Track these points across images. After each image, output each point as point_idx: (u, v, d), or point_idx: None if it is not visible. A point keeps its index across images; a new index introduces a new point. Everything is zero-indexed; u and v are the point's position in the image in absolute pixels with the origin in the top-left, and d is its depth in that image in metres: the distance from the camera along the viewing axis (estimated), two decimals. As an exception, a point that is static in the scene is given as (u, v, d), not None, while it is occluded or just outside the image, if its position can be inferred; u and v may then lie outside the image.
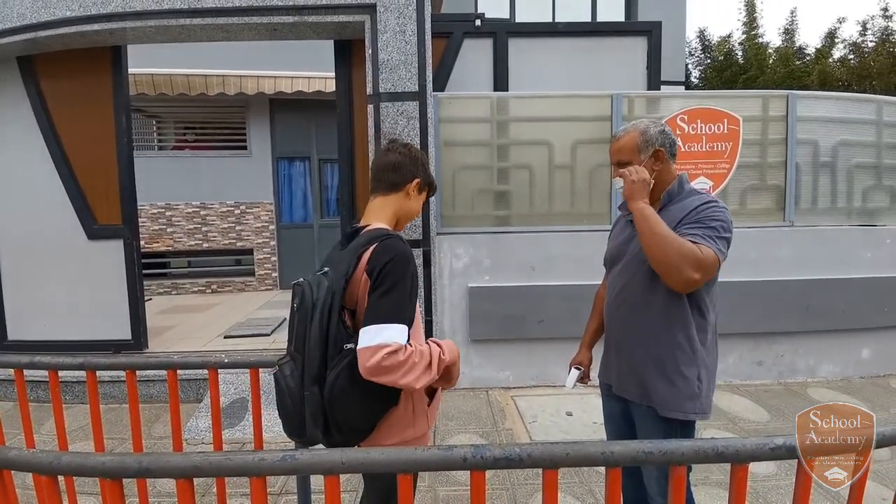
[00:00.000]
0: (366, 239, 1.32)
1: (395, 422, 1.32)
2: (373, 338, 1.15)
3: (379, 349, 1.13)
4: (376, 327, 1.16)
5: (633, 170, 1.50)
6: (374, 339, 1.14)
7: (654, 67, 4.14)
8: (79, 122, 4.19)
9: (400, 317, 1.19)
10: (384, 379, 1.15)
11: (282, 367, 1.32)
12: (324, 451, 1.00)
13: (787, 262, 3.84)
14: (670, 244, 1.36)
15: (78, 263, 4.21)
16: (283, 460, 0.99)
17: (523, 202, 3.80)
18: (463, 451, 0.99)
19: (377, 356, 1.13)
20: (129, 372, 1.85)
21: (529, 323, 3.72)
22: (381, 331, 1.16)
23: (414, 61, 3.50)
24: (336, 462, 0.99)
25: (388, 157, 1.42)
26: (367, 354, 1.14)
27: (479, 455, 0.98)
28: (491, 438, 3.05)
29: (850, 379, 3.96)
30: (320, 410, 1.23)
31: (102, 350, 4.20)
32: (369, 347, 1.14)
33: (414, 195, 1.44)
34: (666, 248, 1.36)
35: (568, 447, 0.99)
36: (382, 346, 1.14)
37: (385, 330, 1.16)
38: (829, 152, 3.95)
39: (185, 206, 7.34)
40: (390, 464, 0.99)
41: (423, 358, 1.20)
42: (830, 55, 12.85)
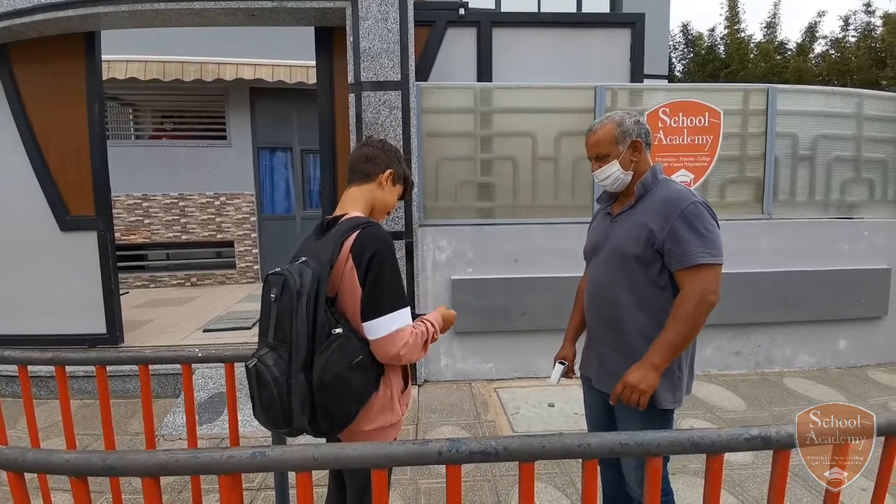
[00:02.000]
0: (348, 226, 1.32)
1: (375, 406, 1.34)
2: (389, 326, 1.25)
3: (397, 335, 1.25)
4: (389, 316, 1.25)
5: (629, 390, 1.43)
6: (391, 327, 1.25)
7: (637, 59, 4.14)
8: (52, 111, 4.07)
9: (403, 301, 1.30)
10: (403, 361, 1.29)
11: (262, 357, 1.29)
12: (296, 447, 0.97)
13: (765, 254, 3.89)
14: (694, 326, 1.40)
15: (51, 256, 4.09)
16: (252, 457, 0.96)
17: (507, 194, 3.79)
18: (438, 445, 0.98)
19: (399, 342, 1.25)
20: (99, 367, 1.80)
21: (512, 315, 3.72)
22: (393, 319, 1.25)
23: (396, 50, 3.45)
24: (308, 458, 0.96)
25: (362, 149, 1.47)
26: (388, 344, 1.25)
27: (455, 449, 0.97)
28: (473, 431, 3.05)
29: (826, 369, 4.05)
30: (308, 397, 1.23)
31: (77, 344, 4.09)
32: (388, 336, 1.25)
33: (387, 186, 1.46)
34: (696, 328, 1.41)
35: (544, 440, 0.98)
36: (400, 331, 1.26)
37: (397, 317, 1.26)
38: (808, 145, 4.00)
39: (163, 196, 7.18)
40: (365, 459, 0.97)
41: (421, 336, 1.32)
42: (811, 50, 13.05)
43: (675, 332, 1.39)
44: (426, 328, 1.36)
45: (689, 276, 1.40)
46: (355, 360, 1.25)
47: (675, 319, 1.40)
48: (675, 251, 1.41)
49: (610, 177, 1.56)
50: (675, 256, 1.42)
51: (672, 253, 1.42)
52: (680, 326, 1.39)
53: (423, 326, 1.36)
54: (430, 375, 3.81)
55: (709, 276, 1.39)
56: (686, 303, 1.39)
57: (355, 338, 1.27)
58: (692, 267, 1.40)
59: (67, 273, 4.08)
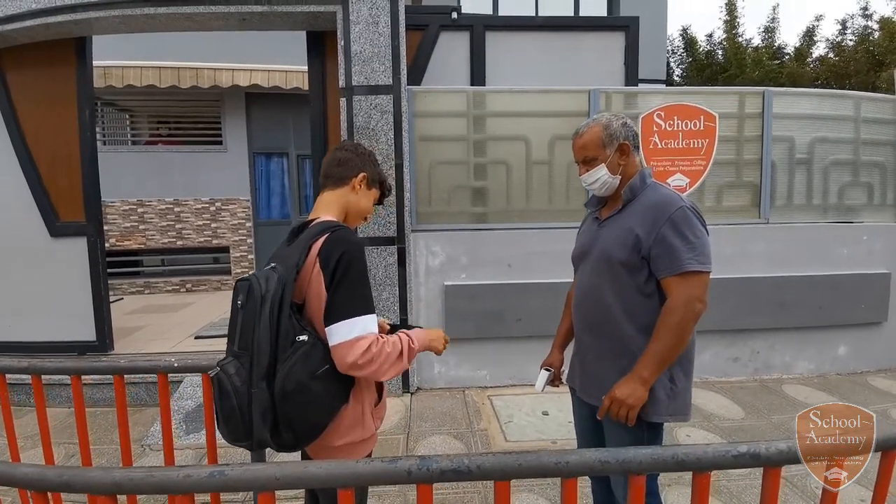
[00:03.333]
0: (317, 230, 1.28)
1: (345, 421, 1.28)
2: (349, 332, 1.17)
3: (357, 343, 1.16)
4: (349, 322, 1.18)
5: (617, 405, 1.38)
6: (351, 334, 1.17)
7: (631, 63, 4.10)
8: (42, 116, 4.05)
9: (368, 307, 1.22)
10: (364, 372, 1.19)
11: (224, 367, 1.24)
12: (258, 467, 0.92)
13: (762, 258, 3.84)
14: (681, 336, 1.35)
15: (40, 262, 4.05)
16: (210, 476, 0.91)
17: (500, 198, 3.74)
18: (408, 463, 0.92)
19: (357, 350, 1.16)
20: (75, 377, 1.75)
21: (507, 321, 3.66)
22: (354, 325, 1.18)
23: (387, 53, 3.42)
24: (270, 477, 0.91)
25: (335, 154, 1.43)
26: (345, 350, 1.17)
27: (426, 467, 0.92)
28: (465, 440, 2.99)
29: (826, 376, 3.98)
30: (269, 408, 1.17)
31: (67, 352, 4.05)
32: (347, 342, 1.17)
33: (361, 190, 1.42)
34: (684, 339, 1.36)
35: (520, 458, 0.93)
36: (360, 339, 1.17)
37: (357, 323, 1.18)
38: (805, 149, 3.96)
39: (158, 202, 7.14)
40: (330, 478, 0.92)
41: (394, 348, 1.24)
42: (809, 54, 13.06)
43: (663, 343, 1.34)
44: (400, 341, 1.27)
45: (676, 284, 1.36)
46: (321, 369, 1.19)
47: (662, 330, 1.35)
48: (662, 258, 1.37)
49: (598, 181, 1.51)
50: (661, 263, 1.37)
51: (659, 260, 1.37)
52: (667, 337, 1.34)
53: (398, 339, 1.27)
54: (424, 383, 3.75)
55: (696, 283, 1.35)
56: (673, 312, 1.34)
57: (322, 346, 1.21)
58: (679, 274, 1.35)
59: (57, 280, 4.04)
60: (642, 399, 1.35)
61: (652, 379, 1.35)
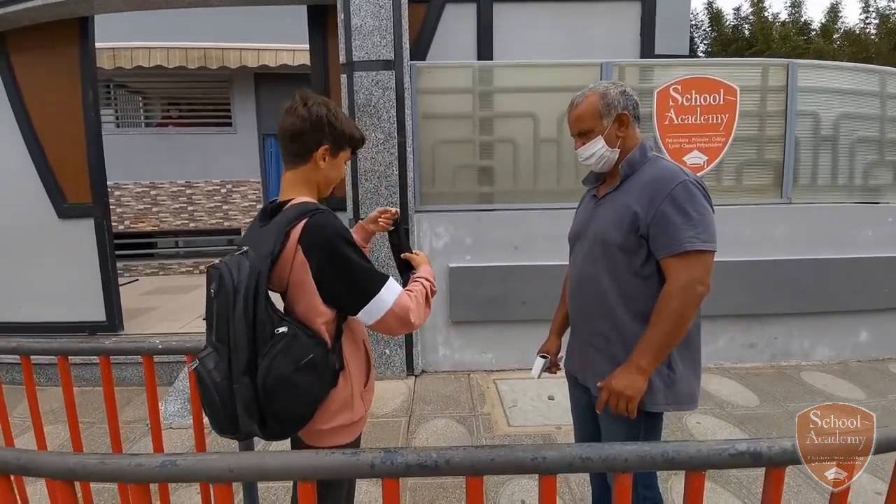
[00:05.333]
0: (294, 214, 1.19)
1: (333, 405, 1.24)
2: (385, 303, 1.18)
3: (398, 307, 1.19)
4: (379, 296, 1.18)
5: (615, 397, 1.29)
6: (388, 303, 1.18)
7: (648, 35, 3.89)
8: (48, 98, 4.04)
9: (381, 274, 1.21)
10: (416, 326, 1.24)
11: (203, 360, 1.19)
12: (212, 457, 0.86)
13: (783, 240, 3.66)
14: (680, 321, 1.25)
15: (49, 244, 4.09)
16: (161, 466, 0.86)
17: (507, 178, 3.62)
18: (371, 456, 0.86)
19: (404, 313, 1.19)
20: (61, 358, 1.72)
21: (512, 304, 3.58)
22: (386, 295, 1.18)
23: (389, 27, 3.29)
24: (224, 470, 0.85)
25: (285, 121, 1.23)
26: (392, 319, 1.19)
27: (390, 461, 0.85)
28: (468, 423, 2.94)
29: (846, 362, 3.82)
30: (254, 402, 1.13)
31: (77, 332, 4.10)
32: (389, 312, 1.18)
33: (327, 163, 1.28)
34: (684, 324, 1.26)
35: (493, 452, 0.85)
36: (399, 302, 1.19)
37: (387, 292, 1.19)
38: (829, 125, 3.73)
39: (170, 184, 7.17)
40: (286, 471, 0.86)
41: (422, 296, 1.28)
42: (835, 30, 12.68)
43: (660, 329, 1.24)
44: (422, 286, 1.31)
45: (676, 265, 1.25)
46: (304, 359, 1.14)
47: (660, 315, 1.25)
48: (661, 236, 1.25)
49: (594, 155, 1.40)
50: (660, 242, 1.26)
51: (658, 239, 1.26)
52: (665, 323, 1.23)
53: (419, 285, 1.31)
54: (428, 366, 3.70)
55: (697, 264, 1.23)
56: (671, 296, 1.24)
57: (304, 336, 1.15)
58: (679, 254, 1.24)
59: (66, 261, 4.07)
60: (641, 390, 1.26)
61: (650, 368, 1.26)
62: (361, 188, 3.39)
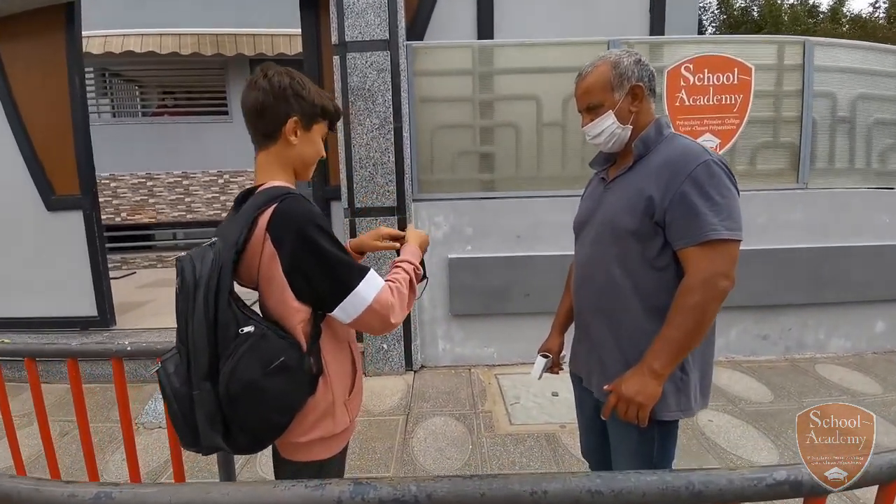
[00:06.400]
0: (262, 199, 1.06)
1: (311, 415, 1.10)
2: (364, 299, 1.04)
3: (378, 303, 1.05)
4: (358, 290, 1.04)
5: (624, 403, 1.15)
6: (367, 299, 1.04)
7: (658, 10, 3.69)
8: (35, 87, 3.90)
9: (357, 271, 1.06)
10: (398, 322, 1.10)
11: (165, 363, 1.07)
12: (150, 490, 0.73)
13: (799, 227, 3.49)
14: (702, 319, 1.10)
15: (39, 237, 3.97)
16: (96, 498, 0.73)
17: (509, 164, 3.46)
18: (339, 489, 0.72)
19: (384, 309, 1.06)
20: (28, 360, 1.60)
21: (515, 296, 3.44)
22: (364, 290, 1.04)
23: (383, 4, 3.11)
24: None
25: (248, 96, 1.11)
26: (370, 317, 1.06)
27: (360, 496, 0.71)
28: (468, 422, 2.82)
29: (862, 354, 3.66)
30: (217, 411, 1.00)
31: (68, 327, 4.00)
32: (368, 309, 1.05)
33: (300, 138, 1.13)
34: (705, 323, 1.10)
35: (484, 484, 0.71)
36: (379, 297, 1.05)
37: (366, 286, 1.05)
38: (847, 107, 3.55)
39: (167, 175, 7.04)
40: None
41: (405, 284, 1.14)
42: (843, 14, 12.63)
43: (679, 328, 1.09)
44: (403, 272, 1.16)
45: (697, 256, 1.09)
46: (275, 362, 1.00)
47: (679, 312, 1.10)
48: (681, 223, 1.10)
49: (604, 132, 1.24)
50: (679, 230, 1.11)
51: (676, 226, 1.11)
52: (684, 321, 1.09)
53: (400, 273, 1.16)
54: (427, 360, 3.58)
55: (722, 255, 1.08)
56: (691, 291, 1.09)
57: (275, 336, 1.02)
58: (702, 244, 1.08)
59: (56, 254, 3.96)
60: (654, 396, 1.12)
61: (665, 372, 1.11)
62: (356, 176, 3.24)
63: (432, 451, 2.51)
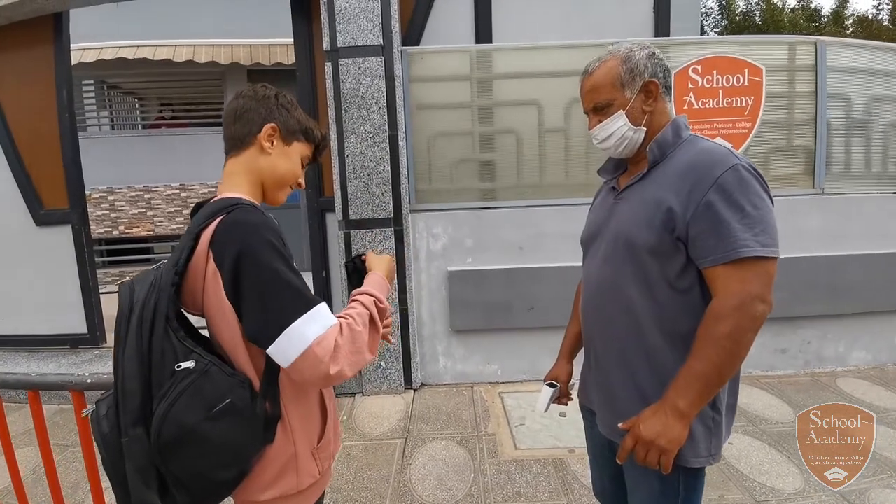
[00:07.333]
0: (209, 211, 0.91)
1: (270, 468, 0.94)
2: (301, 341, 0.82)
3: (319, 348, 0.82)
4: (294, 328, 0.83)
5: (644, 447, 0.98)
6: (305, 341, 0.82)
7: (662, 10, 3.57)
8: (23, 99, 3.85)
9: (308, 300, 0.86)
10: (348, 375, 0.86)
11: (99, 404, 0.92)
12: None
13: (816, 235, 3.32)
14: (736, 350, 0.94)
15: (27, 252, 3.88)
16: None
17: (510, 173, 3.31)
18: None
19: (324, 358, 0.82)
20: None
21: (518, 310, 3.28)
22: (302, 329, 0.83)
23: (376, 9, 2.99)
24: None
25: (230, 105, 1.02)
26: (306, 364, 0.83)
27: None
28: (470, 446, 2.65)
29: (883, 367, 3.47)
30: (149, 463, 0.84)
31: (57, 345, 3.90)
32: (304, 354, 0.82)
33: (276, 147, 1.01)
34: (740, 354, 0.95)
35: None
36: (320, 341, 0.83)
37: (306, 324, 0.83)
38: (861, 108, 3.40)
39: (165, 188, 6.96)
40: None
41: (361, 318, 0.92)
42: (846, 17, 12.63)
43: (708, 361, 0.93)
44: (361, 305, 0.95)
45: (728, 276, 0.94)
46: (220, 404, 0.85)
47: (707, 343, 0.94)
48: (707, 238, 0.95)
49: (613, 135, 1.10)
50: (706, 246, 0.95)
51: (701, 241, 0.95)
52: (714, 353, 0.93)
53: (357, 307, 0.95)
54: (428, 378, 3.41)
55: (758, 275, 0.93)
56: (722, 318, 0.93)
57: (220, 373, 0.86)
58: (733, 262, 0.93)
59: (45, 270, 3.86)
60: (679, 440, 0.95)
61: (692, 412, 0.95)
62: (350, 186, 3.11)
63: (432, 480, 2.34)
